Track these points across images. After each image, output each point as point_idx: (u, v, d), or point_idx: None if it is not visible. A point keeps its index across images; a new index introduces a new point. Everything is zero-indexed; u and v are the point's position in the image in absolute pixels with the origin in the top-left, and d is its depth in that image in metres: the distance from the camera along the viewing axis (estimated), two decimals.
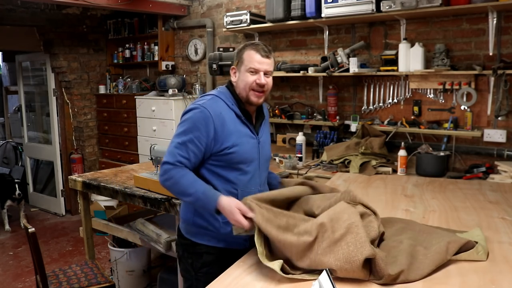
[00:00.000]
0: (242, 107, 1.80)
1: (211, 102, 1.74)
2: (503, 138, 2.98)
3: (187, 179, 1.67)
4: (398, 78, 3.34)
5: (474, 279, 1.37)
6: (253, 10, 4.06)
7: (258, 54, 1.74)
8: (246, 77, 1.74)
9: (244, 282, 1.41)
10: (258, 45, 1.76)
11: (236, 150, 1.73)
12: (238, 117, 1.77)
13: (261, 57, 1.74)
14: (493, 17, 2.88)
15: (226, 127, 1.72)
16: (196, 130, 1.68)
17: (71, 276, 2.59)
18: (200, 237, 1.83)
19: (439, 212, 2.06)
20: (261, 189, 1.84)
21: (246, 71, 1.74)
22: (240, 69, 1.77)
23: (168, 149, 1.74)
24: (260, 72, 1.74)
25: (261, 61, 1.74)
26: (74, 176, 3.01)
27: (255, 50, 1.74)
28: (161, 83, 4.49)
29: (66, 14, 5.01)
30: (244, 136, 1.77)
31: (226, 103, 1.77)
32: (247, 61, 1.74)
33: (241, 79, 1.77)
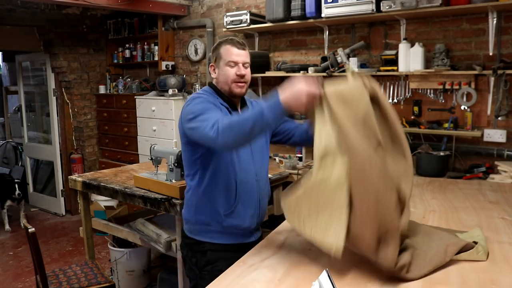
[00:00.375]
0: (226, 100, 1.85)
1: (201, 93, 1.83)
2: (503, 138, 2.98)
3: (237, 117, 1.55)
4: (398, 78, 3.34)
5: (474, 279, 1.37)
6: (253, 10, 4.06)
7: (235, 47, 1.80)
8: (227, 70, 1.80)
9: (244, 282, 1.41)
10: (233, 39, 1.83)
11: None
12: (226, 108, 1.82)
13: (238, 50, 1.80)
14: (493, 17, 2.88)
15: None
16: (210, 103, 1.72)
17: (71, 276, 2.59)
18: (203, 234, 1.86)
19: (439, 212, 2.06)
20: (257, 178, 1.87)
21: (226, 65, 1.80)
22: (219, 64, 1.82)
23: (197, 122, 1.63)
24: (239, 64, 1.80)
25: (239, 53, 1.80)
26: (74, 176, 3.01)
27: (231, 44, 1.80)
28: (161, 83, 4.49)
29: (66, 14, 5.01)
30: None
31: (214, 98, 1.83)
32: (225, 55, 1.80)
33: (221, 73, 1.82)
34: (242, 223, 1.85)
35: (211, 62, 1.88)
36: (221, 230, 1.83)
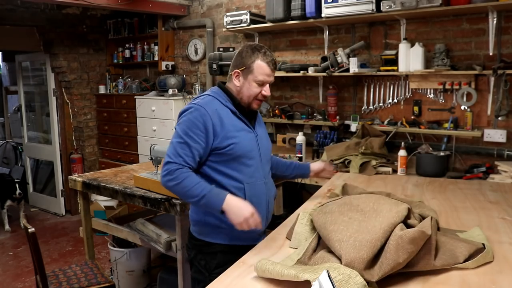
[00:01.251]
0: (236, 103, 1.84)
1: (205, 101, 1.79)
2: (503, 138, 2.97)
3: (191, 180, 1.68)
4: (398, 78, 3.34)
5: (474, 279, 1.37)
6: (253, 10, 4.06)
7: (269, 68, 1.78)
8: (253, 87, 1.79)
9: (244, 282, 1.41)
10: (268, 56, 1.78)
11: (236, 143, 1.77)
12: (233, 113, 1.81)
13: (271, 71, 1.79)
14: (493, 17, 2.88)
15: (223, 122, 1.76)
16: (195, 128, 1.72)
17: (71, 276, 2.59)
18: (214, 236, 1.85)
19: (439, 212, 2.06)
20: (265, 181, 1.89)
21: (254, 81, 1.78)
22: (247, 77, 1.79)
23: (169, 149, 1.75)
24: (267, 85, 1.80)
25: (270, 75, 1.79)
26: (74, 176, 3.01)
27: (266, 63, 1.77)
28: (161, 83, 4.49)
29: (66, 14, 5.01)
30: (241, 130, 1.81)
31: (219, 101, 1.81)
32: (257, 72, 1.77)
33: (246, 87, 1.80)
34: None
35: (236, 68, 1.83)
36: (232, 233, 1.80)
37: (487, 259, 1.48)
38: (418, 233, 1.36)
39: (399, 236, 1.35)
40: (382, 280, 1.34)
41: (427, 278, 1.38)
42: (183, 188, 1.68)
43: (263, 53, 1.77)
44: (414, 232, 1.35)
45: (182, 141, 1.72)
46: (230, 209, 1.65)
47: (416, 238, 1.35)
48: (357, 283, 1.24)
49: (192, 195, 1.67)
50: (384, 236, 1.37)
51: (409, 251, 1.33)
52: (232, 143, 1.76)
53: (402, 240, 1.34)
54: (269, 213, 1.94)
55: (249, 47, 1.80)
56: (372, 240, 1.36)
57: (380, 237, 1.37)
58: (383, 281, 1.34)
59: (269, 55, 1.78)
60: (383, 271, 1.31)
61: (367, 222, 1.46)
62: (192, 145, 1.72)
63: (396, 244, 1.34)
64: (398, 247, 1.33)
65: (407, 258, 1.33)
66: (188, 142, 1.72)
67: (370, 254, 1.34)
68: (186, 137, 1.72)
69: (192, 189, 1.67)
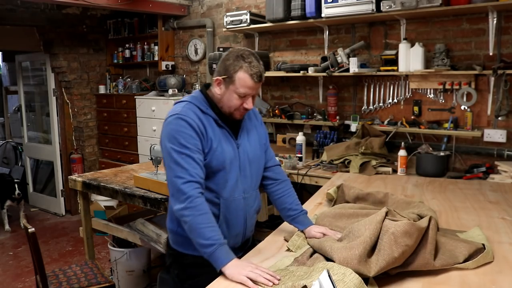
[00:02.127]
0: (218, 111, 1.68)
1: (185, 110, 1.63)
2: (503, 138, 2.97)
3: (209, 218, 1.53)
4: (398, 78, 3.34)
5: (474, 279, 1.37)
6: (253, 10, 4.06)
7: (252, 81, 1.59)
8: (233, 98, 1.62)
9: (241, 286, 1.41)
10: (253, 67, 1.59)
11: (212, 155, 1.63)
12: (214, 120, 1.67)
13: (254, 84, 1.60)
14: (493, 17, 2.88)
15: (206, 131, 1.63)
16: (189, 137, 1.58)
17: (71, 276, 2.59)
18: (186, 246, 1.72)
19: (439, 212, 2.06)
20: (245, 195, 1.73)
21: (235, 92, 1.61)
22: (229, 87, 1.62)
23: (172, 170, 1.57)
24: (250, 97, 1.64)
25: (253, 87, 1.61)
26: (74, 176, 3.01)
27: (249, 75, 1.58)
28: (161, 83, 4.49)
29: (66, 14, 5.01)
30: (222, 139, 1.67)
31: (200, 108, 1.65)
32: (238, 84, 1.59)
33: (227, 97, 1.64)
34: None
35: (218, 74, 1.65)
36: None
37: (487, 259, 1.48)
38: (409, 225, 1.36)
39: (391, 233, 1.35)
40: (382, 280, 1.34)
41: (427, 278, 1.38)
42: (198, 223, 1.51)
43: (248, 63, 1.59)
44: (405, 225, 1.36)
45: (184, 155, 1.56)
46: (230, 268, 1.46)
47: (409, 231, 1.35)
48: (352, 279, 1.24)
49: (205, 235, 1.49)
50: (373, 234, 1.38)
51: (403, 245, 1.33)
52: (210, 156, 1.62)
53: (395, 235, 1.34)
54: (247, 229, 1.79)
55: (235, 53, 1.62)
56: (361, 239, 1.37)
57: (369, 235, 1.38)
58: (382, 281, 1.34)
59: (255, 66, 1.59)
60: (380, 266, 1.31)
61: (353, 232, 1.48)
62: (195, 156, 1.57)
63: (389, 240, 1.34)
64: (392, 243, 1.33)
65: (402, 253, 1.34)
66: (190, 154, 1.56)
67: (361, 250, 1.34)
68: (185, 149, 1.56)
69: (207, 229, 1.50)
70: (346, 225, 1.63)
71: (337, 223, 1.70)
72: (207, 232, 1.49)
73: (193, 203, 1.52)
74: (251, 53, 1.62)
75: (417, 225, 1.39)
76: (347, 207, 1.87)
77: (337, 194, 2.21)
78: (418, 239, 1.39)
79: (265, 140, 1.88)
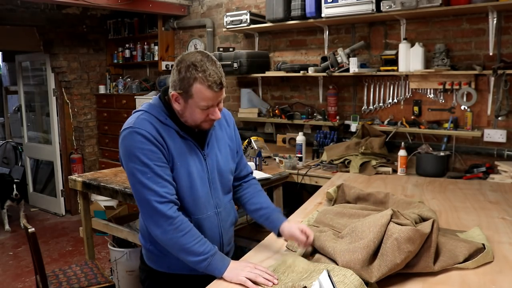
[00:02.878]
0: (179, 121, 1.51)
1: (140, 121, 1.45)
2: (503, 138, 2.97)
3: (195, 233, 1.45)
4: (398, 78, 3.34)
5: (474, 279, 1.37)
6: (253, 10, 4.06)
7: (211, 91, 1.40)
8: (197, 113, 1.45)
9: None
10: (209, 76, 1.38)
11: (176, 172, 1.48)
12: (176, 131, 1.49)
13: (214, 94, 1.41)
14: (493, 17, 2.88)
15: (166, 144, 1.46)
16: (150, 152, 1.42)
17: (71, 276, 2.59)
18: (160, 263, 1.59)
19: (439, 212, 2.06)
20: (218, 210, 1.60)
21: (196, 107, 1.43)
22: (188, 101, 1.43)
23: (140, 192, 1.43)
24: (215, 108, 1.46)
25: (215, 97, 1.42)
26: (74, 176, 3.01)
27: (206, 86, 1.39)
28: (161, 83, 4.49)
29: (66, 14, 5.01)
30: (186, 153, 1.50)
31: (158, 119, 1.48)
32: (198, 98, 1.40)
33: (189, 112, 1.45)
34: None
35: (174, 89, 1.43)
36: (171, 259, 1.53)
37: (487, 259, 1.48)
38: (413, 231, 1.36)
39: (395, 238, 1.35)
40: (382, 280, 1.34)
41: (427, 278, 1.38)
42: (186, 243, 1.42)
43: (203, 72, 1.38)
44: (409, 231, 1.35)
45: (150, 175, 1.41)
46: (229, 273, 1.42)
47: (412, 237, 1.35)
48: (353, 281, 1.24)
49: (195, 252, 1.42)
50: (376, 237, 1.38)
51: (406, 251, 1.33)
52: (174, 172, 1.48)
53: (398, 241, 1.34)
54: (223, 246, 1.64)
55: (186, 63, 1.40)
56: (365, 243, 1.37)
57: (372, 238, 1.37)
58: (382, 281, 1.34)
59: (211, 74, 1.38)
60: (381, 273, 1.31)
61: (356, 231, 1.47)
62: (162, 173, 1.43)
63: (392, 245, 1.34)
64: (395, 249, 1.33)
65: (405, 259, 1.34)
66: (156, 171, 1.41)
67: (365, 254, 1.34)
68: (149, 168, 1.41)
69: (196, 245, 1.42)
70: (347, 223, 1.62)
71: (339, 221, 1.70)
72: (195, 248, 1.42)
73: (172, 225, 1.41)
74: (204, 57, 1.41)
75: (421, 231, 1.38)
76: (348, 207, 1.87)
77: (337, 194, 2.21)
78: (420, 244, 1.39)
79: (238, 148, 1.73)
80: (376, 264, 1.34)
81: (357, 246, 1.37)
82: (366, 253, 1.34)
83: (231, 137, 1.70)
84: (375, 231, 1.39)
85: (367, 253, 1.34)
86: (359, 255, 1.34)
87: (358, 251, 1.35)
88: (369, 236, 1.39)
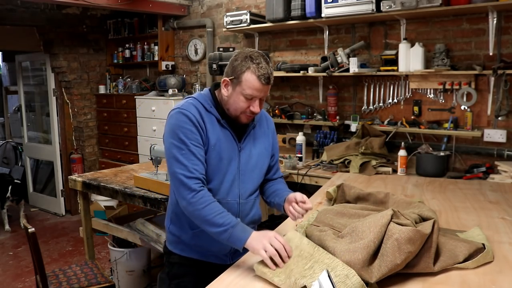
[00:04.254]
0: (222, 111, 1.66)
1: (188, 104, 1.63)
2: (503, 138, 2.97)
3: (215, 206, 1.53)
4: (398, 78, 3.34)
5: (474, 279, 1.37)
6: (253, 10, 4.06)
7: (259, 82, 1.54)
8: (240, 101, 1.58)
9: (244, 282, 1.41)
10: (261, 68, 1.53)
11: (210, 152, 1.61)
12: (217, 120, 1.64)
13: (261, 86, 1.55)
14: (493, 17, 2.88)
15: (205, 127, 1.61)
16: (190, 132, 1.57)
17: (71, 276, 2.59)
18: (174, 245, 1.76)
19: (439, 212, 2.06)
20: (240, 201, 1.70)
21: (241, 94, 1.56)
22: (235, 88, 1.57)
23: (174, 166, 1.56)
24: (257, 100, 1.58)
25: (261, 89, 1.56)
26: (74, 176, 3.01)
27: (256, 76, 1.53)
28: (161, 83, 4.49)
29: (66, 14, 5.01)
30: (221, 139, 1.63)
31: (204, 106, 1.64)
32: (245, 85, 1.54)
33: (233, 99, 1.59)
34: (209, 245, 1.69)
35: (226, 75, 1.61)
36: (190, 246, 1.71)
37: (487, 259, 1.48)
38: (413, 232, 1.36)
39: (395, 239, 1.35)
40: (382, 280, 1.34)
41: (427, 278, 1.38)
42: (206, 215, 1.51)
43: (257, 64, 1.53)
44: (409, 232, 1.35)
45: (185, 151, 1.55)
46: (250, 244, 1.47)
47: (413, 238, 1.35)
48: (354, 283, 1.24)
49: (216, 223, 1.50)
50: (377, 237, 1.37)
51: (406, 252, 1.33)
52: (210, 150, 1.60)
53: (398, 242, 1.34)
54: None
55: (244, 54, 1.57)
56: (365, 243, 1.37)
57: (372, 238, 1.37)
58: (382, 281, 1.34)
59: (263, 68, 1.53)
60: (382, 273, 1.31)
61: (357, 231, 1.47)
62: (196, 152, 1.56)
63: (393, 246, 1.34)
64: (395, 249, 1.33)
65: (405, 259, 1.33)
66: (191, 149, 1.55)
67: (365, 254, 1.34)
68: (185, 145, 1.55)
69: (216, 217, 1.50)
70: (347, 223, 1.62)
71: (339, 220, 1.70)
72: (216, 220, 1.50)
73: (195, 198, 1.53)
74: (260, 55, 1.57)
75: (421, 232, 1.38)
76: (349, 207, 1.87)
77: (337, 193, 2.21)
78: (421, 245, 1.39)
79: (273, 151, 1.84)
80: (376, 265, 1.34)
81: (357, 246, 1.37)
82: (366, 253, 1.34)
83: (268, 140, 1.80)
84: (376, 231, 1.39)
85: (367, 253, 1.34)
86: (359, 255, 1.34)
87: (358, 251, 1.35)
88: (369, 236, 1.39)
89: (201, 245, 1.70)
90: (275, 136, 1.87)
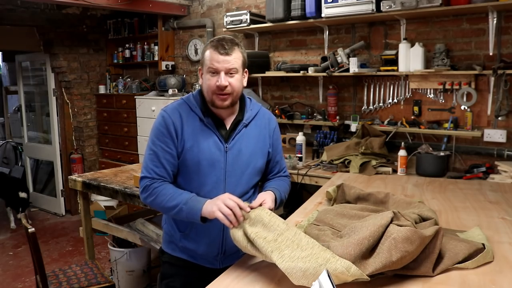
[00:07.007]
0: (210, 111, 1.64)
1: (172, 106, 1.66)
2: (503, 138, 2.97)
3: (165, 193, 1.57)
4: (398, 78, 3.34)
5: (474, 279, 1.37)
6: (253, 10, 4.06)
7: (217, 52, 1.54)
8: (207, 79, 1.58)
9: (244, 282, 1.41)
10: (219, 41, 1.56)
11: (186, 154, 1.61)
12: (200, 119, 1.63)
13: (220, 55, 1.54)
14: (493, 17, 2.88)
15: (182, 130, 1.60)
16: (161, 135, 1.60)
17: (71, 276, 2.59)
18: (167, 245, 1.79)
19: (439, 212, 2.06)
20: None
21: (207, 72, 1.58)
22: (203, 70, 1.61)
23: (143, 164, 1.66)
24: (221, 72, 1.55)
25: (220, 60, 1.54)
26: (74, 176, 3.01)
27: (213, 48, 1.55)
28: (161, 83, 4.49)
29: (66, 14, 5.01)
30: (201, 140, 1.61)
31: (189, 106, 1.64)
32: (207, 60, 1.57)
33: (204, 81, 1.61)
34: (197, 248, 1.70)
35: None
36: (179, 242, 1.72)
37: (487, 259, 1.48)
38: (411, 232, 1.35)
39: (393, 238, 1.34)
40: (382, 280, 1.34)
41: (427, 278, 1.38)
42: (160, 202, 1.57)
43: (216, 40, 1.57)
44: (407, 231, 1.35)
45: (152, 152, 1.62)
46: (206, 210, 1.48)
47: (410, 237, 1.34)
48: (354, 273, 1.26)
49: (169, 207, 1.55)
50: (372, 235, 1.37)
51: (402, 250, 1.33)
52: (182, 153, 1.61)
53: (395, 240, 1.34)
54: (226, 245, 1.69)
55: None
56: (359, 239, 1.36)
57: (367, 236, 1.36)
58: (382, 281, 1.34)
59: (222, 39, 1.57)
60: (375, 267, 1.31)
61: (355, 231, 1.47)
62: (161, 155, 1.60)
63: (390, 244, 1.34)
64: (391, 247, 1.33)
65: (401, 258, 1.33)
66: (157, 152, 1.60)
67: (357, 250, 1.33)
68: (154, 147, 1.61)
69: (168, 201, 1.55)
70: (347, 224, 1.62)
71: (339, 221, 1.70)
72: (169, 204, 1.55)
73: (146, 193, 1.60)
74: (224, 36, 1.61)
75: (419, 233, 1.37)
76: (349, 208, 1.87)
77: (337, 193, 2.20)
78: (420, 247, 1.38)
79: (272, 150, 1.79)
80: (371, 261, 1.34)
81: (350, 241, 1.37)
82: (359, 250, 1.33)
83: (265, 139, 1.76)
84: (373, 230, 1.39)
85: (360, 250, 1.34)
86: (352, 251, 1.33)
87: (351, 246, 1.35)
88: (365, 233, 1.38)
89: (189, 246, 1.71)
90: (278, 136, 1.84)
